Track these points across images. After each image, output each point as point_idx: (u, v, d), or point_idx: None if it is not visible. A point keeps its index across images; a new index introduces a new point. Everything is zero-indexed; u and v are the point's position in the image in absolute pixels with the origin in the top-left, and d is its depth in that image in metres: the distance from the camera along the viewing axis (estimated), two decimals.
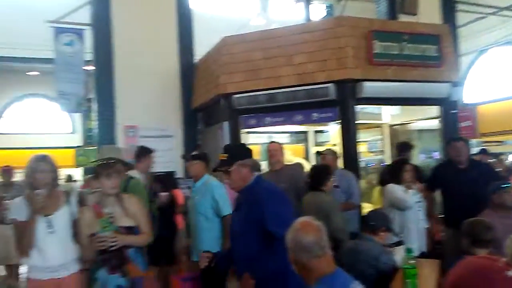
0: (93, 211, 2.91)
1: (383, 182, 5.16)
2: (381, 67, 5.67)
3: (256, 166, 2.97)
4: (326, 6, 11.61)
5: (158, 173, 6.09)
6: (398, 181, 4.43)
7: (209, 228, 4.00)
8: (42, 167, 2.81)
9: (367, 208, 5.58)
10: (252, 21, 12.32)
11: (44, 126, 19.20)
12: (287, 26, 6.27)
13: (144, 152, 5.02)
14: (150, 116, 7.33)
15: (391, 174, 4.63)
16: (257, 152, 8.69)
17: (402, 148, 5.78)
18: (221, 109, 6.44)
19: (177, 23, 7.47)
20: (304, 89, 5.69)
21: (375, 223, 3.48)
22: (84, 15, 7.24)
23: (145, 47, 7.22)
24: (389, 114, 7.73)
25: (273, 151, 5.01)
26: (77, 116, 16.34)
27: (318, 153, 7.36)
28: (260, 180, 2.89)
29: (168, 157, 7.38)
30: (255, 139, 8.43)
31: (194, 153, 4.50)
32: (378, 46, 5.59)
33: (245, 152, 2.92)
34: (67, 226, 2.92)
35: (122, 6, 7.14)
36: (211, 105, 6.88)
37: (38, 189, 2.73)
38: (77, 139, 16.77)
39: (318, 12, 11.32)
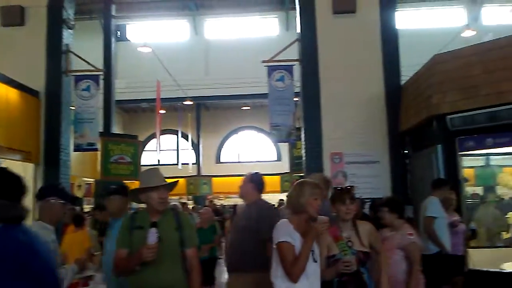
0: (331, 234, 3.02)
1: None
2: None
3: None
4: None
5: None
6: None
7: None
8: None
9: None
10: (463, 33, 11.33)
11: (254, 155, 21.31)
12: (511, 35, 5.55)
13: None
14: (356, 142, 7.36)
15: None
16: (473, 176, 7.81)
17: None
18: (433, 132, 6.04)
19: (382, 47, 7.41)
20: None
21: None
22: (292, 52, 7.83)
23: (349, 74, 7.38)
24: None
25: (241, 184, 4.15)
26: (283, 145, 17.58)
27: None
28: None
29: (375, 183, 7.26)
30: (470, 162, 7.58)
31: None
32: None
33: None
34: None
35: (327, 39, 7.48)
36: (421, 127, 6.51)
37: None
38: (283, 166, 17.97)
39: None
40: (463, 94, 5.57)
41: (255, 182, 4.00)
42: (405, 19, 16.35)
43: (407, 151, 7.32)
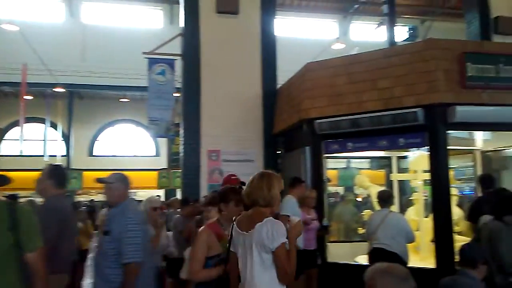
0: (215, 233, 2.95)
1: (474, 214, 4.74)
2: (475, 90, 5.38)
3: None
4: (409, 28, 11.35)
5: None
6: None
7: None
8: None
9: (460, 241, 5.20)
10: (333, 45, 12.31)
11: (132, 149, 20.52)
12: (372, 51, 6.19)
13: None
14: (233, 141, 7.54)
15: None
16: (335, 177, 8.55)
17: (486, 182, 5.26)
18: (303, 134, 6.45)
19: (261, 50, 7.71)
20: (390, 114, 5.54)
21: (474, 256, 3.24)
22: (175, 47, 7.72)
23: (230, 74, 7.54)
24: (481, 140, 7.25)
25: (39, 178, 3.65)
26: (162, 140, 17.22)
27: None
28: None
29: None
30: (334, 164, 8.30)
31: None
32: (471, 69, 5.34)
33: None
34: None
35: (210, 37, 7.55)
36: (292, 130, 6.92)
37: None
38: (161, 162, 17.61)
39: (400, 34, 11.08)
40: (330, 101, 6.06)
41: (55, 177, 3.53)
42: (283, 27, 17.23)
43: (279, 151, 7.71)
